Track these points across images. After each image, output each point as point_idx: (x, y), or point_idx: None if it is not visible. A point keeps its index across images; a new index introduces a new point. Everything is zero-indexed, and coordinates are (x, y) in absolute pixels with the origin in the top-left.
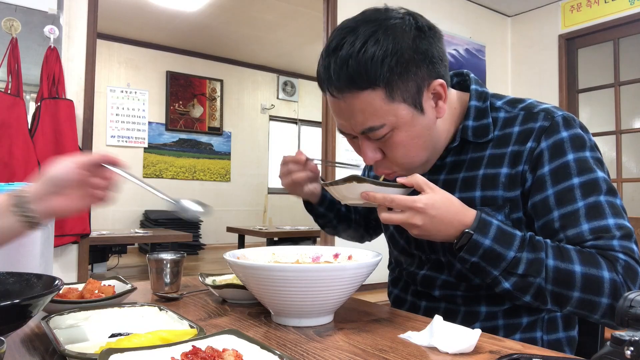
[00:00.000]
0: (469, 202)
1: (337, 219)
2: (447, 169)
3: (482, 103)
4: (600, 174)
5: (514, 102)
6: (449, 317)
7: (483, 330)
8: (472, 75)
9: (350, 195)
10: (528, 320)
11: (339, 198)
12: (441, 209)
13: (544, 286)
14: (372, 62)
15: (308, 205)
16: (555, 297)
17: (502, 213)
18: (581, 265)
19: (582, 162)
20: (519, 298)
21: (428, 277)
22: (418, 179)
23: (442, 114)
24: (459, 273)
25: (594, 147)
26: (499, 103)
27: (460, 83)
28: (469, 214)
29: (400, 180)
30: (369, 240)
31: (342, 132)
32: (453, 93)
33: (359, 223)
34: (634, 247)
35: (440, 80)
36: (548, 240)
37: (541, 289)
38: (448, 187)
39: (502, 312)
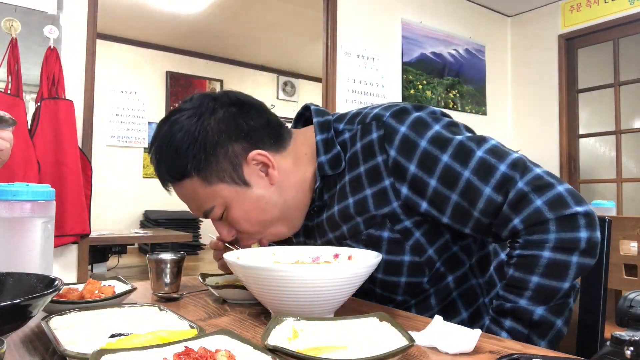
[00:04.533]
0: (356, 229)
1: None
2: (325, 207)
3: (327, 134)
4: (457, 136)
5: (353, 117)
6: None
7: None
8: (313, 106)
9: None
10: None
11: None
12: None
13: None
14: (177, 154)
15: None
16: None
17: (385, 229)
18: (539, 276)
19: (435, 140)
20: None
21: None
22: None
23: (274, 181)
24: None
25: (438, 117)
26: (341, 126)
27: (308, 118)
28: None
29: None
30: None
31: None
32: (300, 139)
33: None
34: (533, 168)
35: (259, 151)
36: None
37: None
38: (331, 222)
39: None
